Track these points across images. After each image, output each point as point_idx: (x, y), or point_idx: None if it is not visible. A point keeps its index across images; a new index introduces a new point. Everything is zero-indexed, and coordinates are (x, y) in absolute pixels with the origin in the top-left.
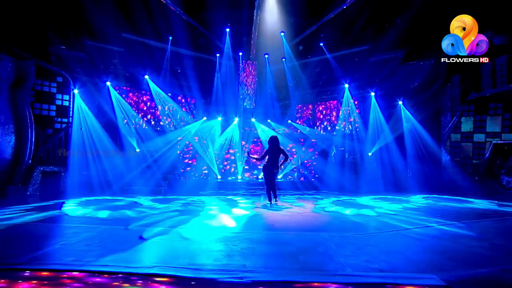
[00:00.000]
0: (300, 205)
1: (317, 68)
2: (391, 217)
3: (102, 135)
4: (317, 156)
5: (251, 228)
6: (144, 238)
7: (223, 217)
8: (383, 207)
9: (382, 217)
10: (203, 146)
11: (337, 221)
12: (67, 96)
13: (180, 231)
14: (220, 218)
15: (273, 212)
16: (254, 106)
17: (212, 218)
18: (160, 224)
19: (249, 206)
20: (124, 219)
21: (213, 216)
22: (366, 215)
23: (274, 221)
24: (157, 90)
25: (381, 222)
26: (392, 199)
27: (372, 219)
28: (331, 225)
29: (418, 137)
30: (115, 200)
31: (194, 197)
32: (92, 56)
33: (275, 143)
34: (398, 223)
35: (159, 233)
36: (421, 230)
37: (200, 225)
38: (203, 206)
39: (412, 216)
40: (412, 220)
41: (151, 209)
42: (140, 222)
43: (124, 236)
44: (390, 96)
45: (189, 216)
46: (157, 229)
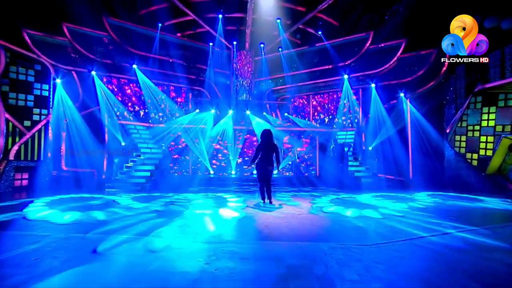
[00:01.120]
0: (296, 205)
1: (315, 59)
2: (398, 220)
3: (83, 129)
4: (314, 150)
5: (236, 235)
6: (97, 252)
7: (206, 220)
8: (387, 206)
9: (388, 220)
10: (194, 139)
11: (337, 226)
12: (47, 86)
13: (148, 240)
14: (202, 222)
15: (265, 213)
16: (249, 98)
17: (192, 222)
18: (129, 230)
19: (240, 206)
20: (88, 224)
21: (195, 219)
22: (370, 217)
23: (264, 226)
24: (146, 81)
25: (388, 227)
26: (396, 197)
27: (377, 222)
28: (330, 232)
29: (421, 130)
30: (92, 198)
31: (181, 194)
32: (76, 44)
33: (268, 137)
34: (409, 228)
35: (120, 244)
36: (438, 239)
37: (175, 232)
38: (187, 206)
39: (422, 218)
40: (424, 224)
41: (127, 210)
42: (105, 227)
43: (74, 250)
44: (391, 88)
45: (167, 219)
46: (121, 237)
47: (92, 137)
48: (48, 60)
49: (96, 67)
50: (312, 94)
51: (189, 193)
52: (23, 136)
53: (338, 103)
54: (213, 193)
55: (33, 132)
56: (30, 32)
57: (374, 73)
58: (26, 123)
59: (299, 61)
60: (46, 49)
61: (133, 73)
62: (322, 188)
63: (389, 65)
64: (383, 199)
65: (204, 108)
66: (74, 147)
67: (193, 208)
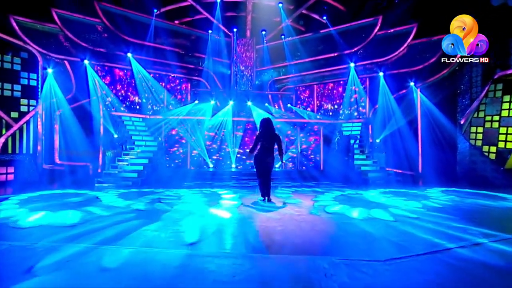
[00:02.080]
0: (296, 203)
1: (319, 46)
2: (413, 224)
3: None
4: (318, 143)
5: (219, 245)
6: (32, 272)
7: (189, 224)
8: (398, 205)
9: (401, 223)
10: (192, 131)
11: (341, 231)
12: (35, 75)
13: (108, 252)
14: (183, 226)
15: (260, 214)
16: (250, 88)
17: (172, 226)
18: (94, 236)
19: (234, 204)
20: (51, 228)
21: (176, 222)
22: (380, 219)
23: (255, 232)
24: (141, 70)
25: (402, 233)
26: (406, 194)
27: (388, 226)
28: (333, 240)
29: (433, 121)
30: (76, 195)
31: (173, 190)
32: (67, 31)
33: (268, 126)
34: (428, 235)
35: (71, 257)
36: (469, 252)
37: (147, 239)
38: (174, 205)
39: (441, 221)
40: (445, 229)
41: (106, 209)
42: (69, 232)
43: (7, 265)
44: (400, 77)
45: (144, 222)
46: (77, 247)
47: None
48: (36, 48)
49: (89, 56)
50: (316, 84)
51: (183, 188)
52: (10, 128)
53: (343, 93)
54: (208, 189)
55: (20, 124)
56: (18, 19)
57: (383, 61)
58: (13, 114)
59: (303, 49)
60: (36, 37)
61: (128, 62)
62: (326, 183)
63: (399, 52)
64: (393, 196)
65: (203, 99)
66: (68, 140)
67: (179, 207)
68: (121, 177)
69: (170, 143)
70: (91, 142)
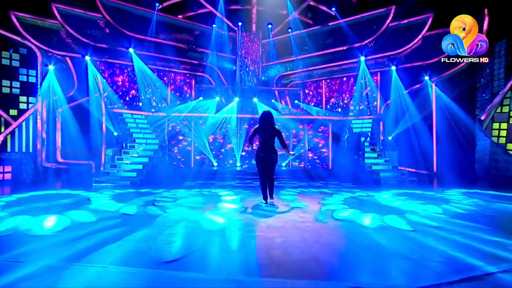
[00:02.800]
0: (301, 206)
1: (328, 39)
2: (436, 235)
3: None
4: (326, 140)
5: (203, 261)
6: None
7: (178, 231)
8: (416, 210)
9: (422, 235)
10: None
11: (351, 245)
12: (34, 71)
13: (69, 273)
14: (171, 235)
15: (260, 220)
16: (256, 84)
17: (158, 235)
18: (64, 248)
19: (233, 208)
20: (19, 237)
21: (164, 230)
22: (396, 228)
23: (250, 244)
24: (142, 66)
25: (424, 247)
26: (423, 196)
27: (407, 239)
28: (342, 257)
29: (449, 118)
30: (68, 196)
31: (171, 191)
32: (67, 27)
33: (268, 120)
34: (457, 251)
35: (15, 283)
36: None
37: (122, 253)
38: (168, 208)
39: (470, 233)
40: (477, 243)
41: (92, 214)
42: (36, 244)
43: None
44: (414, 70)
45: (129, 229)
46: (32, 267)
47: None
48: (37, 44)
49: (91, 52)
50: (325, 79)
51: (182, 188)
52: (9, 126)
53: (353, 89)
54: (209, 189)
55: (19, 121)
56: (19, 15)
57: (395, 54)
58: (12, 112)
59: (311, 43)
60: (36, 33)
61: (130, 58)
62: (334, 184)
63: (413, 45)
64: (408, 198)
65: (207, 95)
66: (70, 138)
67: (173, 211)
68: (120, 176)
69: (173, 141)
70: (94, 140)
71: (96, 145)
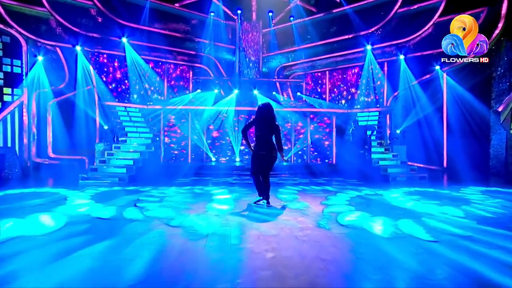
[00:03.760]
0: (301, 208)
1: (332, 28)
2: (468, 250)
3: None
4: (330, 134)
5: (165, 284)
6: None
7: (149, 242)
8: (433, 213)
9: (449, 248)
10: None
11: (361, 263)
12: (19, 61)
13: None
14: (138, 247)
15: (251, 226)
16: (257, 76)
17: (123, 247)
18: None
19: (223, 209)
20: None
21: (133, 240)
22: (414, 237)
23: (232, 262)
24: (136, 57)
25: (457, 268)
26: (438, 196)
27: (431, 254)
28: (349, 281)
29: (462, 109)
30: (44, 195)
31: (160, 188)
32: (56, 15)
33: (267, 112)
34: (504, 276)
35: None
36: None
37: (68, 274)
38: (149, 210)
39: (508, 244)
40: None
41: (58, 218)
42: None
43: None
44: (424, 60)
45: (93, 238)
46: None
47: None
48: (23, 33)
49: (82, 42)
50: (328, 70)
51: (174, 186)
52: None
53: (358, 80)
54: (202, 186)
55: (4, 114)
56: (4, 1)
57: (404, 42)
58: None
59: (314, 31)
60: (23, 22)
61: (123, 48)
62: (338, 180)
63: (423, 32)
64: (421, 198)
65: (206, 88)
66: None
67: (152, 214)
68: (108, 173)
69: (169, 135)
70: (88, 134)
71: (90, 139)
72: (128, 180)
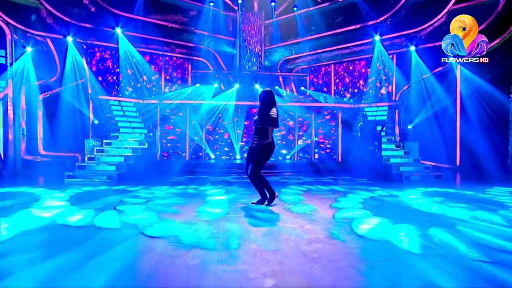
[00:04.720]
0: (308, 212)
1: (338, 18)
2: None
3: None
4: (336, 130)
5: None
6: None
7: (114, 258)
8: (465, 218)
9: (503, 269)
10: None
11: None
12: (3, 51)
13: None
14: (99, 266)
15: (249, 234)
16: (258, 69)
17: (80, 265)
18: None
19: (216, 212)
20: None
21: (97, 255)
22: (457, 255)
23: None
24: (131, 49)
25: None
26: (462, 197)
27: (489, 282)
28: None
29: (479, 102)
30: (15, 195)
31: (151, 188)
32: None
33: (260, 100)
34: None
35: None
36: None
37: None
38: (129, 214)
39: None
40: None
41: (17, 224)
42: None
43: None
44: (436, 51)
45: (46, 253)
46: None
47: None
48: (7, 20)
49: (74, 33)
50: (333, 63)
51: (167, 185)
52: None
53: (366, 73)
54: (197, 186)
55: None
56: None
57: (415, 33)
58: None
59: (319, 22)
60: (10, 10)
61: (116, 40)
62: (346, 179)
63: (436, 21)
64: (444, 200)
65: (205, 81)
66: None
67: (131, 221)
68: (96, 171)
69: (165, 130)
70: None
71: (83, 135)
72: (118, 179)
